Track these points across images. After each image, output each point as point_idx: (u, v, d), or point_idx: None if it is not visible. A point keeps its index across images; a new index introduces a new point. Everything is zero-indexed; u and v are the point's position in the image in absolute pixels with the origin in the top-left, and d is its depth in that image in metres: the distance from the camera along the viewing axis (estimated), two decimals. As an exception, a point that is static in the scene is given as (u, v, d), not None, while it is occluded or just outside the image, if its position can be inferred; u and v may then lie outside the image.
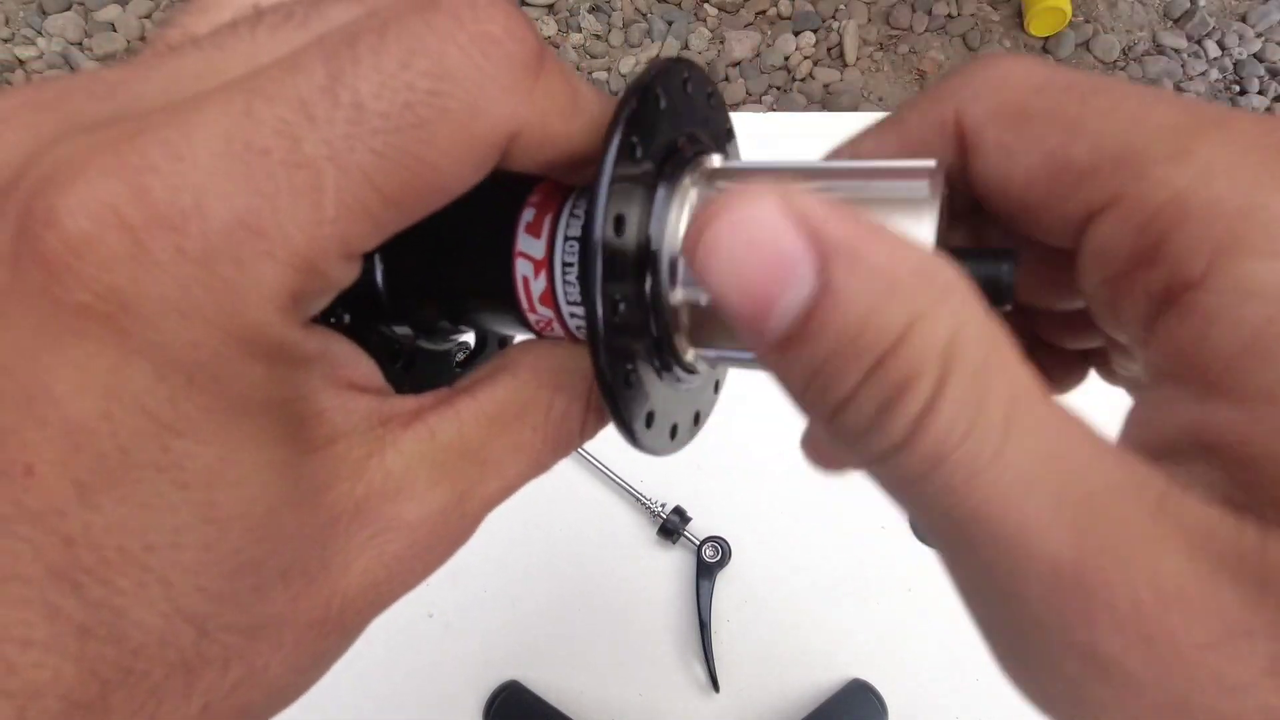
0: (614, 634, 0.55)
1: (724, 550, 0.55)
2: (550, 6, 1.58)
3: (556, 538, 0.57)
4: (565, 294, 0.17)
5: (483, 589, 0.56)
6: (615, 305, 0.15)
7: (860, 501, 0.58)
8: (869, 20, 1.59)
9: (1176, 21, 1.63)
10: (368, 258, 0.18)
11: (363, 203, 0.13)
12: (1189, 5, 1.62)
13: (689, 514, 0.56)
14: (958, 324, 0.11)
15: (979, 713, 0.54)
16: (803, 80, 1.55)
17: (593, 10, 1.58)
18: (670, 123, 0.17)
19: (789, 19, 1.59)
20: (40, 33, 1.52)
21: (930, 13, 1.60)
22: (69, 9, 1.53)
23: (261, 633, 0.14)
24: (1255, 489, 0.12)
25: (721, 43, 1.57)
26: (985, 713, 0.54)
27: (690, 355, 0.17)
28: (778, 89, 1.55)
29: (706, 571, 0.55)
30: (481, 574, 0.57)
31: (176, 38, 0.15)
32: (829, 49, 1.58)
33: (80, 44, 1.52)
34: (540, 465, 0.17)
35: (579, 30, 1.57)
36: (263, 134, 0.12)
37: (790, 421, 0.14)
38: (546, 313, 0.17)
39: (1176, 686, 0.11)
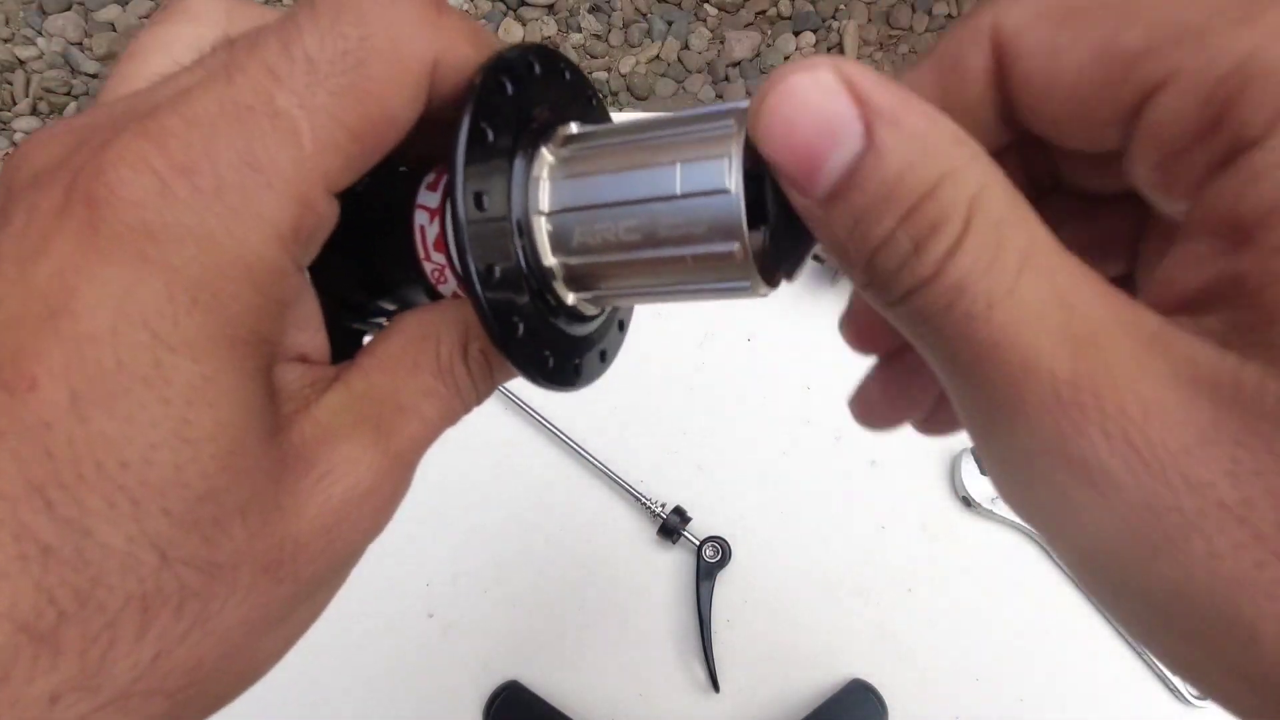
0: (614, 634, 0.55)
1: (724, 550, 0.55)
2: (550, 6, 1.58)
3: (557, 538, 0.57)
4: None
5: (483, 589, 0.56)
6: (491, 270, 0.17)
7: (860, 501, 0.58)
8: (869, 20, 1.59)
9: (1176, 21, 1.63)
10: None
11: (334, 137, 0.15)
12: (1189, 5, 1.62)
13: (689, 514, 0.56)
14: (983, 182, 0.13)
15: (979, 713, 0.54)
16: (803, 80, 1.55)
17: (593, 10, 1.58)
18: (523, 100, 0.18)
19: (789, 19, 1.59)
20: (40, 32, 1.52)
21: (930, 13, 1.60)
22: (69, 9, 1.53)
23: (218, 571, 0.14)
24: (1255, 330, 0.13)
25: (721, 43, 1.57)
26: (985, 713, 0.54)
27: (572, 299, 0.19)
28: (778, 89, 1.55)
29: (706, 571, 0.55)
30: (482, 574, 0.57)
31: (115, 88, 0.18)
32: (829, 49, 1.58)
33: (80, 44, 1.52)
34: (451, 407, 0.19)
35: (579, 30, 1.57)
36: (244, 94, 0.15)
37: (793, 422, 0.14)
38: (439, 259, 0.19)
39: (1151, 485, 0.12)
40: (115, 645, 0.13)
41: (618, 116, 0.20)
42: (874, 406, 0.22)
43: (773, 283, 0.18)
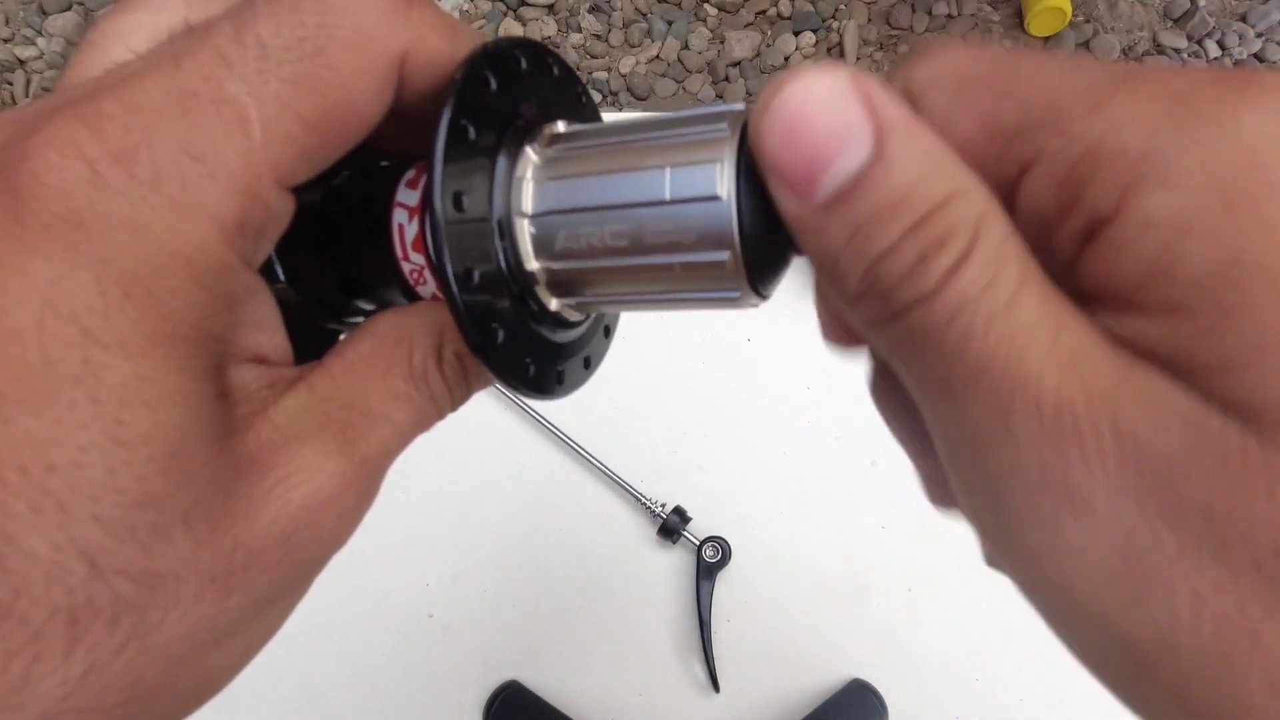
0: (614, 634, 0.55)
1: (724, 550, 0.55)
2: (550, 6, 1.58)
3: (556, 538, 0.57)
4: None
5: (483, 589, 0.56)
6: (470, 273, 0.17)
7: (860, 501, 0.58)
8: (869, 20, 1.59)
9: (1176, 21, 1.63)
10: None
11: (286, 128, 0.15)
12: (1189, 5, 1.62)
13: (689, 514, 0.56)
14: (987, 204, 0.14)
15: (979, 713, 0.54)
16: (803, 80, 1.55)
17: (593, 10, 1.58)
18: (508, 97, 0.18)
19: (789, 19, 1.59)
20: (40, 33, 1.52)
21: (930, 13, 1.60)
22: (69, 9, 1.53)
23: (158, 582, 0.14)
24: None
25: (721, 43, 1.57)
26: (985, 713, 0.54)
27: (555, 305, 0.19)
28: (778, 89, 1.54)
29: (706, 571, 0.55)
30: (481, 574, 0.57)
31: (70, 78, 0.18)
32: (829, 49, 1.58)
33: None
34: (423, 414, 0.18)
35: (579, 30, 1.57)
36: (191, 80, 0.14)
37: (793, 422, 0.14)
38: (418, 259, 0.19)
39: (1130, 520, 0.12)
40: (40, 660, 0.12)
41: (616, 117, 0.19)
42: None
43: (762, 294, 0.17)
